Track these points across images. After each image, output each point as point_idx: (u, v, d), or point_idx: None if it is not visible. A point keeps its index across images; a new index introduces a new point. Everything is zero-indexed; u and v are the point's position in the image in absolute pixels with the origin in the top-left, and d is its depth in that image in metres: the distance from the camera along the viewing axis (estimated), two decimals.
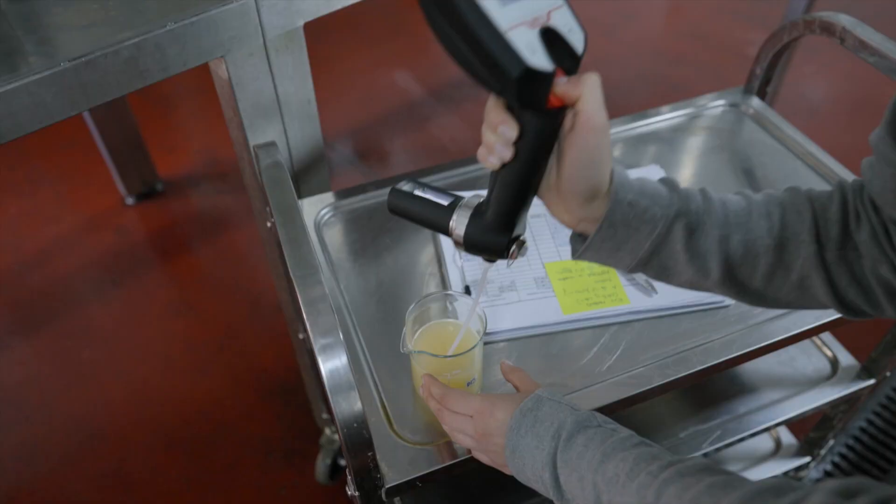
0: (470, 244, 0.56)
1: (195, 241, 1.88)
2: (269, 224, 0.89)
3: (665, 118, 1.08)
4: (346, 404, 0.60)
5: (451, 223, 0.56)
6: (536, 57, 0.44)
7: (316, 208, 0.94)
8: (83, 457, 1.44)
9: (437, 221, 0.57)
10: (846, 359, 1.06)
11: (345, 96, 2.23)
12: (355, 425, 0.60)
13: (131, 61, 0.71)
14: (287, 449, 1.44)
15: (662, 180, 0.55)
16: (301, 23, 0.83)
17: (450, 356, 0.66)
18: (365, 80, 2.34)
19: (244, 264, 1.81)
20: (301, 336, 1.13)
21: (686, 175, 1.00)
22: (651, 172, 0.97)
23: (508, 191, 0.52)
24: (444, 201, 0.57)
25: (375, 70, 2.39)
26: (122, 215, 1.93)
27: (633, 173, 0.95)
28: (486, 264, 0.60)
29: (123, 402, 1.53)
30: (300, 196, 0.98)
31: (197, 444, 1.46)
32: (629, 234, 0.53)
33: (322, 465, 1.36)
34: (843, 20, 0.91)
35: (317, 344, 0.62)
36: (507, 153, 0.49)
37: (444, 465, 0.68)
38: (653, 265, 0.55)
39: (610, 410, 0.73)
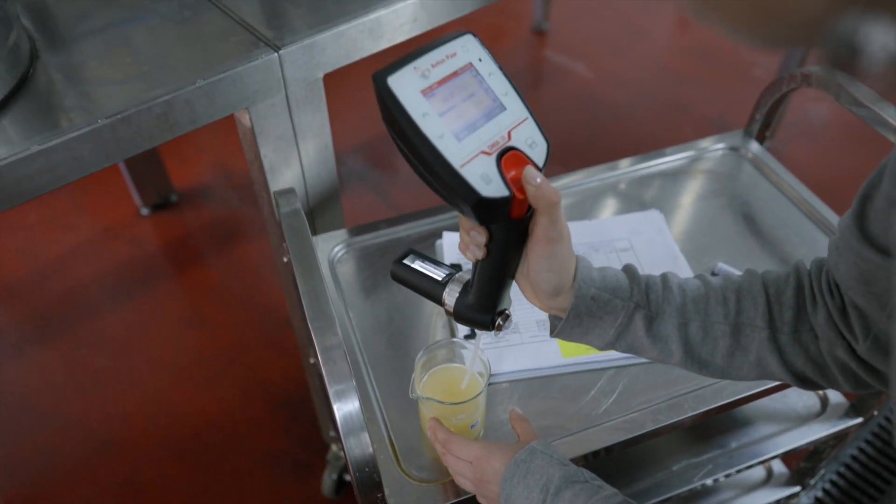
0: (458, 318, 0.61)
1: (208, 253, 1.93)
2: (285, 259, 0.94)
3: (666, 160, 1.12)
4: (359, 449, 0.65)
5: (443, 296, 0.61)
6: (491, 186, 0.47)
7: (330, 245, 0.98)
8: (96, 464, 1.49)
9: (431, 293, 0.62)
10: (835, 397, 1.10)
11: (356, 109, 2.27)
12: (367, 469, 0.65)
13: (163, 116, 0.75)
14: (294, 462, 1.49)
15: (625, 269, 0.60)
16: (321, 74, 0.87)
17: (455, 404, 0.70)
18: (373, 95, 2.38)
19: (256, 277, 1.86)
20: (312, 361, 1.18)
21: (684, 219, 1.04)
22: (650, 217, 1.01)
23: (486, 280, 0.57)
24: (439, 276, 0.62)
25: None
26: (137, 226, 1.98)
27: (633, 218, 1.00)
28: (478, 332, 0.64)
29: (135, 412, 1.58)
30: (315, 232, 1.03)
31: (206, 455, 1.51)
32: (594, 323, 0.58)
33: (328, 479, 1.41)
34: (839, 77, 0.95)
35: (331, 389, 0.67)
36: (480, 253, 0.54)
37: (449, 502, 0.73)
38: (620, 346, 0.61)
39: (606, 451, 0.77)
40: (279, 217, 0.84)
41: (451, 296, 0.60)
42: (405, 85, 0.46)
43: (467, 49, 0.50)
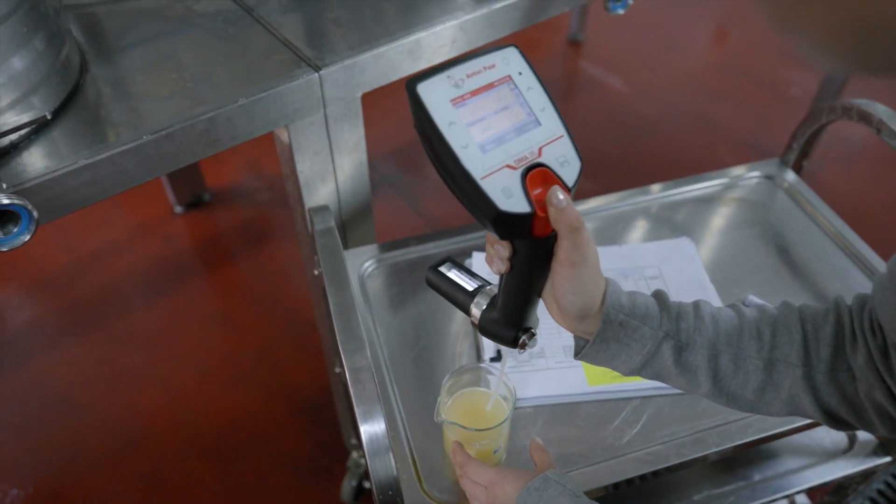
0: (483, 331, 0.61)
1: (238, 254, 1.96)
2: (316, 272, 0.96)
3: (699, 187, 1.11)
4: (383, 470, 0.66)
5: (470, 307, 0.61)
6: (512, 201, 0.47)
7: (361, 259, 0.99)
8: (122, 458, 1.53)
9: (460, 303, 0.63)
10: (864, 434, 1.08)
11: (390, 115, 2.29)
12: (390, 492, 0.66)
13: (205, 133, 0.77)
14: (314, 466, 1.51)
15: (656, 296, 0.59)
16: (359, 94, 0.88)
17: (480, 430, 0.71)
18: (406, 100, 2.39)
19: (283, 280, 1.88)
20: (337, 370, 1.20)
21: (715, 248, 1.03)
22: (681, 245, 1.00)
23: (511, 295, 0.57)
24: (470, 286, 0.62)
25: None
26: (171, 223, 2.02)
27: (664, 245, 1.00)
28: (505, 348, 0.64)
29: (162, 408, 1.61)
30: (346, 245, 1.04)
31: (229, 454, 1.53)
32: (621, 349, 0.57)
33: (347, 485, 1.43)
34: (880, 111, 0.93)
35: (358, 410, 0.68)
36: (503, 267, 0.54)
37: None
38: (646, 373, 0.59)
39: (627, 483, 0.77)
40: (313, 233, 0.85)
41: (477, 308, 0.61)
42: (435, 93, 0.46)
43: (508, 61, 0.50)
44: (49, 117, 0.72)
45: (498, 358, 0.87)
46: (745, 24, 2.80)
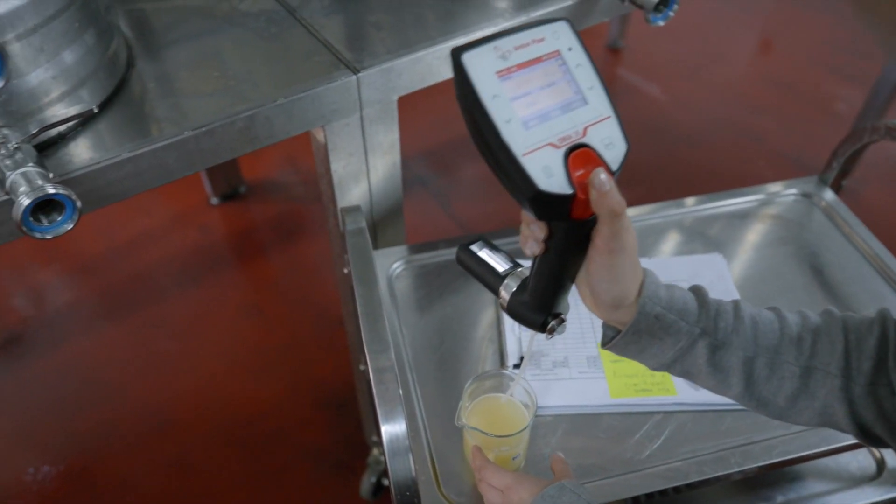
0: (512, 313, 0.60)
1: (270, 247, 1.99)
2: (345, 270, 0.97)
3: (735, 202, 1.10)
4: (403, 470, 0.67)
5: (500, 289, 0.60)
6: (552, 181, 0.45)
7: (390, 260, 1.00)
8: (151, 442, 1.56)
9: (490, 284, 0.62)
10: (893, 460, 1.06)
11: (425, 115, 2.30)
12: (408, 493, 0.67)
13: (244, 130, 0.79)
14: (336, 461, 1.53)
15: (694, 291, 0.57)
16: (395, 97, 0.89)
17: (500, 436, 0.72)
18: (445, 101, 2.40)
19: (313, 275, 1.91)
20: (362, 367, 1.21)
21: (748, 264, 1.02)
22: (713, 261, 0.99)
23: (543, 278, 0.55)
24: (501, 267, 0.61)
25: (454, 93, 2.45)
26: (207, 214, 2.06)
27: (695, 260, 0.99)
28: (532, 332, 0.61)
29: (191, 395, 1.65)
30: (377, 245, 1.05)
31: (253, 444, 1.56)
32: (653, 342, 0.56)
33: (367, 482, 1.44)
34: None
35: (380, 410, 0.69)
36: (538, 248, 0.52)
37: None
38: (675, 369, 0.58)
39: (646, 497, 0.77)
40: (344, 232, 0.87)
41: (507, 290, 0.59)
42: (481, 64, 0.44)
43: (558, 36, 0.48)
44: (96, 111, 0.74)
45: (521, 364, 0.88)
46: (791, 36, 2.74)
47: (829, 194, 1.09)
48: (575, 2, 0.98)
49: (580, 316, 0.94)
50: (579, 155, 0.47)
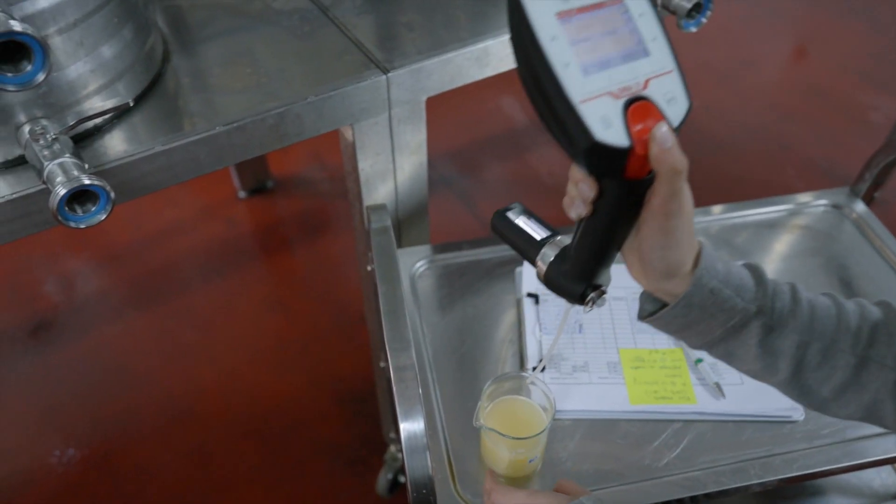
0: (549, 283, 0.58)
1: (295, 242, 2.01)
2: (369, 268, 0.98)
3: (763, 211, 1.09)
4: (420, 468, 0.68)
5: (537, 258, 0.58)
6: (610, 133, 0.43)
7: (413, 259, 1.01)
8: (172, 430, 1.59)
9: (526, 252, 0.59)
10: None
11: (451, 115, 2.31)
12: (424, 491, 0.67)
13: (274, 127, 0.80)
14: (352, 456, 1.54)
15: (750, 269, 0.55)
16: (424, 98, 0.90)
17: (517, 438, 0.72)
18: (472, 102, 2.41)
19: (336, 271, 1.92)
20: (382, 364, 1.22)
21: (774, 275, 1.00)
22: None
23: (587, 244, 0.53)
24: (539, 235, 0.59)
25: (483, 93, 2.46)
26: (234, 207, 2.09)
27: None
28: (567, 305, 0.59)
29: (212, 386, 1.67)
30: (401, 244, 1.06)
31: (271, 437, 1.58)
32: (702, 318, 0.53)
33: (383, 478, 1.45)
34: None
35: (399, 407, 0.70)
36: (584, 210, 0.50)
37: None
38: (718, 350, 0.56)
39: None
40: (369, 230, 0.87)
41: (544, 258, 0.57)
42: (540, 3, 0.42)
43: None
44: (131, 104, 0.76)
45: (541, 369, 0.88)
46: (824, 43, 2.70)
47: (860, 206, 1.08)
48: None
49: (601, 321, 0.93)
50: (639, 108, 0.45)
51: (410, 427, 0.68)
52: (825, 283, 0.99)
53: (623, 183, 0.47)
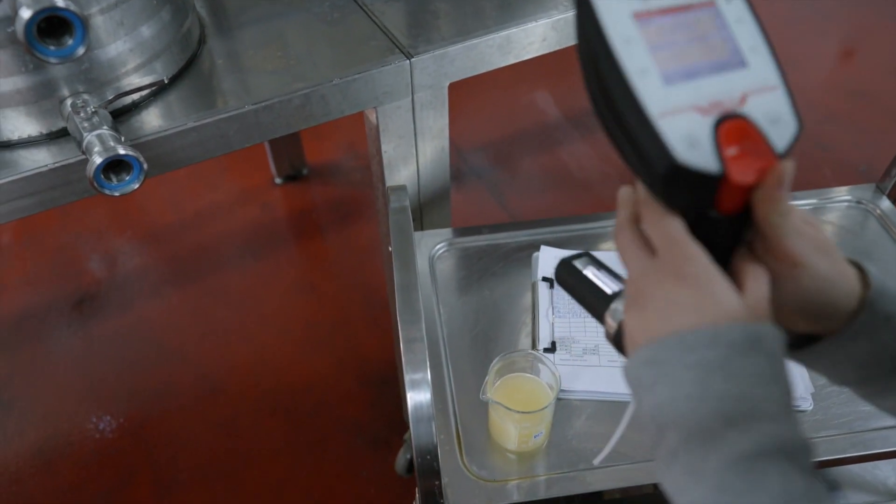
0: (619, 343, 0.47)
1: (326, 227, 2.07)
2: (389, 248, 1.01)
3: None
4: (425, 436, 0.71)
5: (606, 314, 0.49)
6: (695, 154, 0.36)
7: (434, 241, 1.04)
8: (203, 404, 1.65)
9: (594, 307, 0.52)
10: None
11: (484, 109, 2.33)
12: (428, 457, 0.70)
13: (300, 108, 0.84)
14: (374, 436, 1.58)
15: None
16: (447, 83, 0.92)
17: (522, 412, 0.74)
18: (506, 96, 2.43)
19: (365, 257, 1.97)
20: None
21: None
22: None
23: None
24: (609, 288, 0.51)
25: (517, 87, 2.47)
26: (270, 193, 2.15)
27: None
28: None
29: (243, 363, 1.73)
30: (422, 227, 1.09)
31: (297, 414, 1.63)
32: (871, 348, 0.43)
33: (403, 458, 1.49)
34: None
35: (407, 377, 0.73)
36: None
37: (501, 503, 0.77)
38: (870, 387, 0.46)
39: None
40: (388, 211, 0.91)
41: (614, 316, 0.48)
42: (614, 1, 0.37)
43: None
44: (166, 82, 0.80)
45: (552, 349, 0.90)
46: (871, 45, 2.64)
47: (885, 203, 1.07)
48: None
49: None
50: (734, 127, 0.37)
51: (417, 397, 0.72)
52: None
53: (711, 219, 0.39)
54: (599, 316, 0.50)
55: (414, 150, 0.97)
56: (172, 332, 1.80)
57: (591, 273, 0.53)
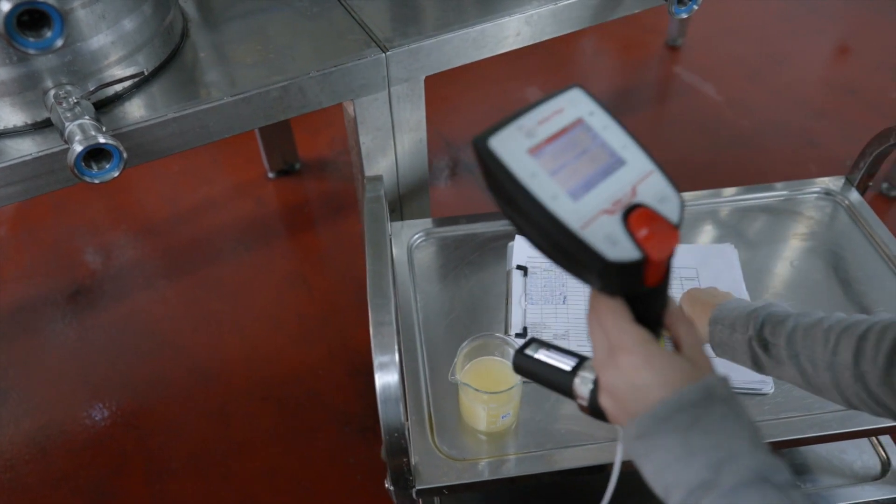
0: (595, 411, 0.53)
1: (318, 221, 2.09)
2: None
3: (758, 196, 1.11)
4: (392, 416, 0.74)
5: (573, 386, 0.54)
6: (619, 248, 0.42)
7: (412, 231, 1.07)
8: (195, 392, 1.68)
9: (560, 385, 0.56)
10: None
11: (476, 105, 2.35)
12: (395, 434, 0.73)
13: (278, 99, 0.86)
14: (362, 425, 1.61)
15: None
16: (423, 77, 0.95)
17: (487, 393, 0.77)
18: (498, 90, 2.45)
19: (357, 250, 1.98)
20: None
21: (765, 257, 1.03)
22: (724, 251, 1.01)
23: None
24: (567, 365, 0.56)
25: (508, 82, 2.50)
26: (263, 187, 2.18)
27: (706, 249, 1.01)
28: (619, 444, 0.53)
29: (236, 354, 1.76)
30: (402, 217, 1.12)
31: (288, 403, 1.66)
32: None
33: None
34: None
35: (376, 360, 0.75)
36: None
37: (469, 481, 0.80)
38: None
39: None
40: (363, 199, 0.93)
41: (584, 384, 0.53)
42: (509, 145, 0.42)
43: (575, 103, 0.47)
44: (146, 73, 0.83)
45: (523, 334, 0.93)
46: (861, 41, 2.65)
47: (854, 195, 1.09)
48: None
49: (585, 294, 0.97)
50: (637, 216, 0.44)
51: (385, 378, 0.74)
52: (813, 267, 1.01)
53: (646, 293, 0.46)
54: (567, 392, 0.55)
55: (392, 142, 1.00)
56: (166, 323, 1.84)
57: (543, 356, 0.58)
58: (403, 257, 1.03)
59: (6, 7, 0.58)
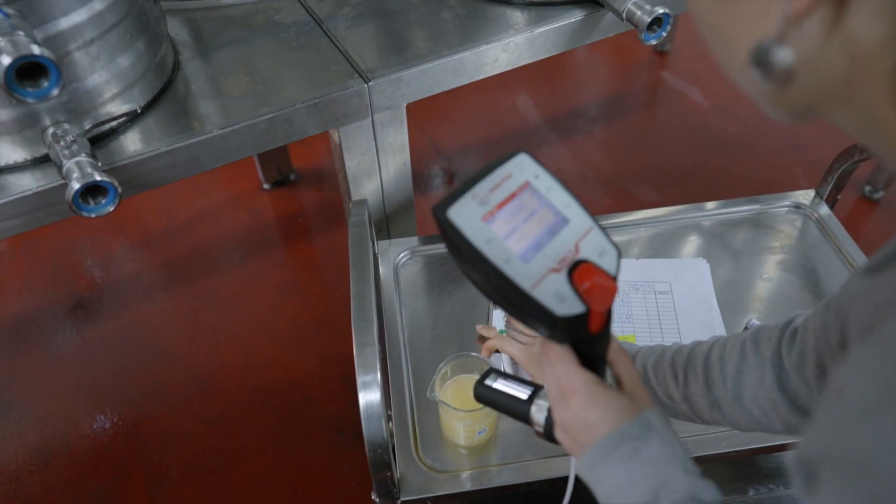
0: (550, 437, 0.58)
1: (313, 231, 2.14)
2: None
3: (730, 210, 1.15)
4: (376, 432, 0.78)
5: (531, 414, 0.59)
6: (566, 304, 0.47)
7: (398, 249, 1.11)
8: (193, 402, 1.73)
9: (518, 413, 0.61)
10: None
11: (467, 113, 2.39)
12: (379, 450, 0.77)
13: (265, 131, 0.91)
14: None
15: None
16: (404, 104, 0.99)
17: (463, 410, 0.81)
18: (489, 99, 2.49)
19: None
20: None
21: (736, 270, 1.07)
22: (696, 265, 1.06)
23: None
24: (524, 394, 0.61)
25: (499, 91, 2.54)
26: (258, 198, 2.22)
27: (679, 263, 1.06)
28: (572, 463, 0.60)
29: (232, 363, 1.81)
30: (389, 235, 1.16)
31: (284, 411, 1.71)
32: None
33: None
34: None
35: (359, 379, 0.80)
36: None
37: (451, 491, 0.84)
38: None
39: None
40: (348, 224, 0.98)
41: (540, 412, 0.59)
42: (466, 214, 0.46)
43: (522, 168, 0.50)
44: (139, 111, 0.88)
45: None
46: None
47: (823, 209, 1.13)
48: (580, 19, 1.05)
49: None
50: (581, 271, 0.48)
51: (367, 396, 0.79)
52: (783, 281, 1.05)
53: (591, 338, 0.51)
54: (524, 419, 0.61)
55: (377, 166, 1.04)
56: (164, 334, 1.88)
57: (501, 385, 0.63)
58: (390, 275, 1.08)
59: (6, 61, 0.62)
